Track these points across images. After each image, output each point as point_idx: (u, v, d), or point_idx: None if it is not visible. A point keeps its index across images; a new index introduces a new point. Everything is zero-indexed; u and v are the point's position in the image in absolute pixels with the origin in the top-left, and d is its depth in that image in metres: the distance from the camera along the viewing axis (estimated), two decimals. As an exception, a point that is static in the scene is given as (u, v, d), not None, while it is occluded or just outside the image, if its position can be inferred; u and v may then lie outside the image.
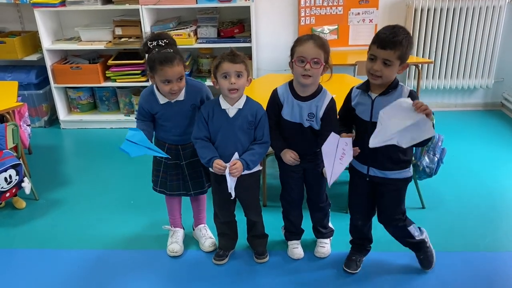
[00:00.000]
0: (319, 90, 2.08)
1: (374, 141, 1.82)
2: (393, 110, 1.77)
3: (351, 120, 2.08)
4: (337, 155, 1.90)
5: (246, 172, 2.10)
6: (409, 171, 2.06)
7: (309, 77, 1.98)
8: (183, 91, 2.13)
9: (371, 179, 2.08)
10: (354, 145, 2.01)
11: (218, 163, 2.04)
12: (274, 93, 2.15)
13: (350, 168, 2.18)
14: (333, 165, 1.92)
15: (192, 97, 2.16)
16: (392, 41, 1.81)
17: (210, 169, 2.12)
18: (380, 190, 2.11)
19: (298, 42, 2.01)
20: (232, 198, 2.14)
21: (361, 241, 2.32)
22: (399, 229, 2.17)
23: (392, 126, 1.77)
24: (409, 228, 2.16)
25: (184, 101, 2.15)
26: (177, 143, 2.24)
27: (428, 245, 2.25)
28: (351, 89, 2.07)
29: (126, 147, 1.95)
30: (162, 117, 2.18)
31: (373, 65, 1.87)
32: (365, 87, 1.98)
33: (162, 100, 2.13)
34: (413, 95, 1.89)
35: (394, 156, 1.98)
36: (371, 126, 1.91)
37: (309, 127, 2.09)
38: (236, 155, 2.08)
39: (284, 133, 2.15)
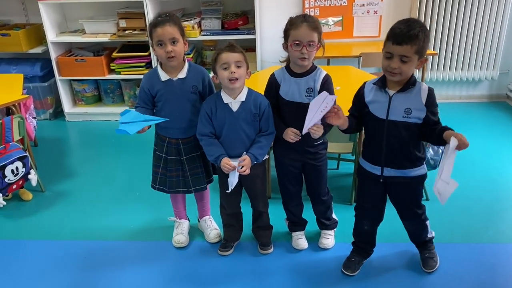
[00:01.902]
0: (314, 68, 2.09)
1: (445, 198, 1.78)
2: (449, 154, 1.73)
3: (361, 118, 2.00)
4: (320, 108, 1.89)
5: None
6: (424, 168, 2.02)
7: (305, 59, 2.00)
8: (186, 69, 2.14)
9: (385, 180, 2.00)
10: (365, 144, 1.99)
11: (226, 163, 2.04)
12: (272, 75, 2.16)
13: (360, 171, 2.10)
14: (313, 115, 1.91)
15: (194, 76, 2.16)
16: (408, 35, 1.71)
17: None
18: (396, 190, 2.05)
19: (292, 25, 1.98)
20: (228, 191, 2.13)
21: (363, 245, 2.27)
22: (419, 222, 2.14)
23: (448, 169, 1.74)
24: (427, 223, 2.16)
25: (186, 80, 2.15)
26: (177, 136, 2.22)
27: (433, 245, 2.25)
28: (363, 84, 1.98)
29: (123, 128, 1.96)
30: (162, 97, 2.15)
31: (390, 63, 1.78)
32: (381, 83, 1.89)
33: (164, 77, 2.13)
34: (431, 93, 1.84)
35: (412, 154, 1.93)
36: (388, 124, 1.88)
37: (308, 104, 2.05)
38: (244, 154, 2.08)
39: (285, 118, 2.12)
